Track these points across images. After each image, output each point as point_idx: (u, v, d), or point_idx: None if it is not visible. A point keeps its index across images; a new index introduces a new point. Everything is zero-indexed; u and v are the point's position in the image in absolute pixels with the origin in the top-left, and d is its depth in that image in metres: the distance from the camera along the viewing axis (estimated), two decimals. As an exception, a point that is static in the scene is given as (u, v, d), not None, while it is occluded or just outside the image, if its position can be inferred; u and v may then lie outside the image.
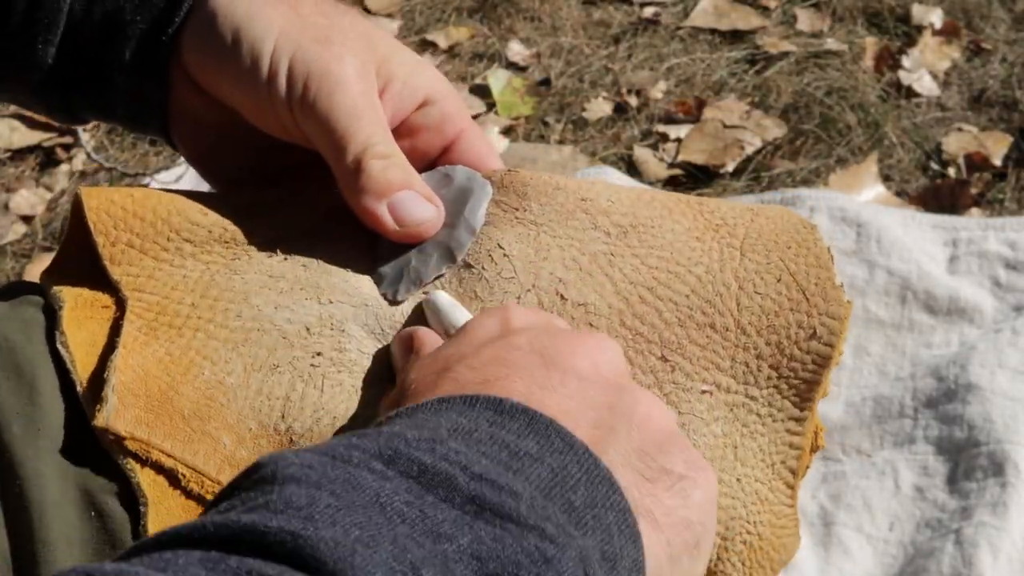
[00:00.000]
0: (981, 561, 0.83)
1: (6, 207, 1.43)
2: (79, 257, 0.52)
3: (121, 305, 0.50)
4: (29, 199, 1.45)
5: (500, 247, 0.52)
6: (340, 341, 0.49)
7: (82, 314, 0.50)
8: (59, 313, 0.49)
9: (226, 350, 0.48)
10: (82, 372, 0.48)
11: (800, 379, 0.50)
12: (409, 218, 0.51)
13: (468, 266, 0.51)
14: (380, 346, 0.50)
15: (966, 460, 0.91)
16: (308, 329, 0.49)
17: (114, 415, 0.46)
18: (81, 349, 0.48)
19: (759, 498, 0.49)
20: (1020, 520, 0.86)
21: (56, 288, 0.51)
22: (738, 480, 0.49)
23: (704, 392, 0.50)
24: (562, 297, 0.51)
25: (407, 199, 0.51)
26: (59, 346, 0.48)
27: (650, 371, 0.50)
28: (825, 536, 0.91)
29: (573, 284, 0.51)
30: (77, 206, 0.52)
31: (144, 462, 0.46)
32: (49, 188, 1.47)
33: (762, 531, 0.49)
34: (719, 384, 0.50)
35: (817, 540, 0.92)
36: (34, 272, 1.35)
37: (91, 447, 0.46)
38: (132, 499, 0.45)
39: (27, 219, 1.43)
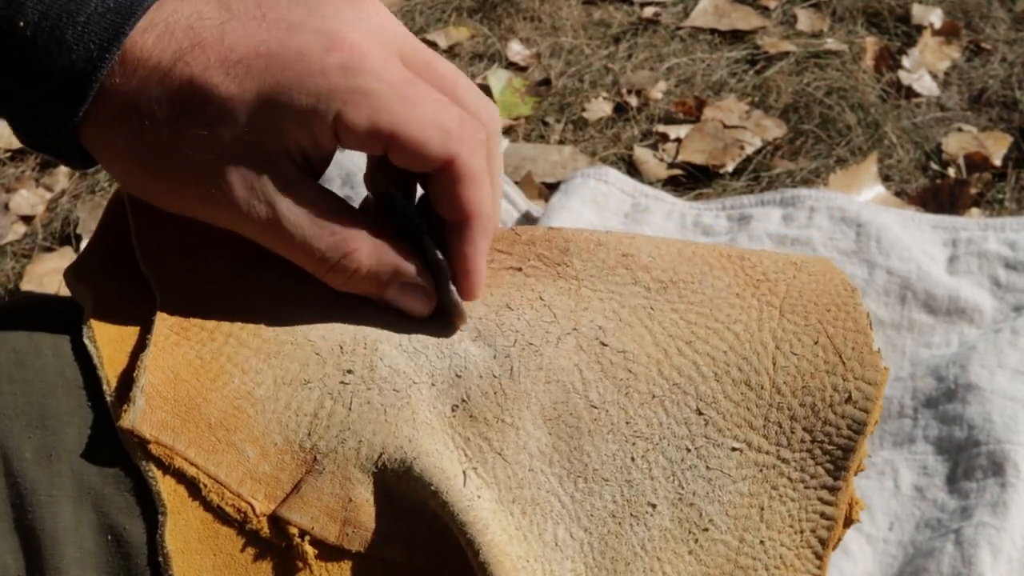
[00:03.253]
0: (981, 561, 0.83)
1: (6, 207, 1.43)
2: (103, 255, 0.52)
3: (151, 301, 0.49)
4: (29, 199, 1.45)
5: (541, 298, 0.52)
6: (372, 360, 0.49)
7: (109, 309, 0.49)
8: (87, 310, 0.49)
9: (257, 360, 0.48)
10: (108, 369, 0.47)
11: (835, 444, 0.50)
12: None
13: (508, 308, 0.51)
14: (412, 364, 0.49)
15: (966, 460, 0.91)
16: (342, 347, 0.49)
17: (140, 417, 0.45)
18: (109, 345, 0.48)
19: (784, 563, 0.49)
20: (1020, 520, 0.86)
21: (80, 285, 0.50)
22: (761, 543, 0.49)
23: (735, 449, 0.49)
24: (602, 343, 0.50)
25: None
26: (86, 340, 0.47)
27: (684, 423, 0.49)
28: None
29: (612, 333, 0.51)
30: (116, 204, 0.52)
31: (166, 469, 0.45)
32: (49, 188, 1.47)
33: None
34: (750, 443, 0.50)
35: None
36: (35, 272, 1.35)
37: (108, 464, 0.45)
38: (149, 518, 0.45)
39: (27, 219, 1.43)
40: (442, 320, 0.51)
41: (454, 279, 0.50)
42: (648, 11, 1.72)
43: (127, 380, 0.47)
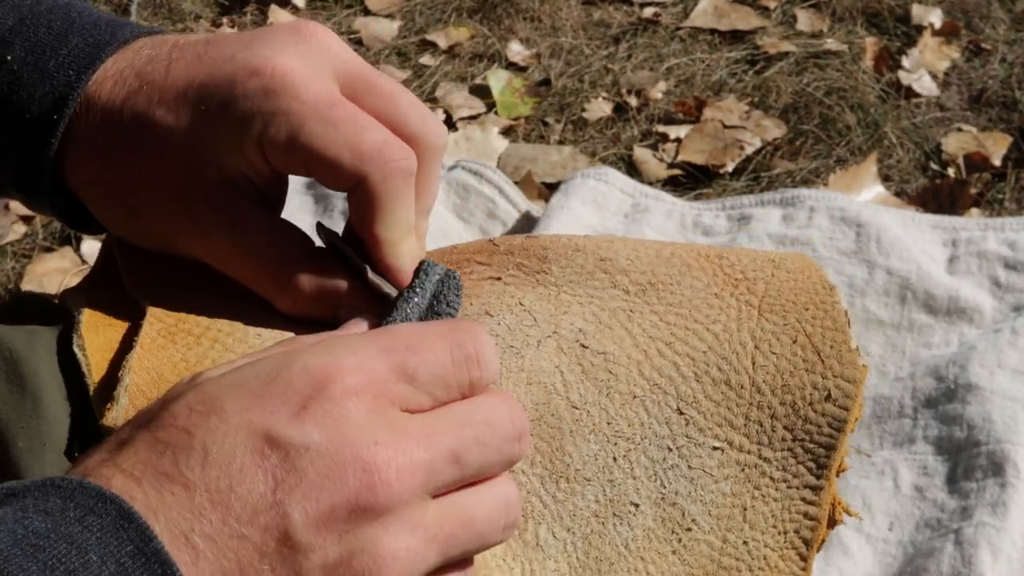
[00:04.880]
0: (981, 561, 0.83)
1: (6, 207, 1.43)
2: (100, 275, 0.54)
3: (141, 315, 0.50)
4: (29, 199, 1.45)
5: (521, 304, 0.52)
6: None
7: (101, 321, 0.50)
8: (77, 318, 0.50)
9: None
10: (96, 376, 0.48)
11: (816, 443, 0.50)
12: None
13: (488, 314, 0.52)
14: None
15: (966, 460, 0.91)
16: None
17: (123, 415, 0.46)
18: (97, 354, 0.49)
19: (768, 564, 0.49)
20: (1020, 520, 0.86)
21: (75, 298, 0.51)
22: (744, 543, 0.49)
23: (716, 448, 0.50)
24: (582, 345, 0.51)
25: None
26: (75, 348, 0.48)
27: (665, 422, 0.50)
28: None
29: (593, 335, 0.51)
30: (108, 247, 0.54)
31: None
32: (49, 188, 1.47)
33: None
34: (731, 442, 0.50)
35: (817, 540, 0.92)
36: (35, 272, 1.35)
37: None
38: None
39: (27, 219, 1.43)
40: None
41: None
42: (648, 11, 1.72)
43: (112, 381, 0.47)
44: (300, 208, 1.17)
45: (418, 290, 0.48)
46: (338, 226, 0.57)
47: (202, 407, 0.37)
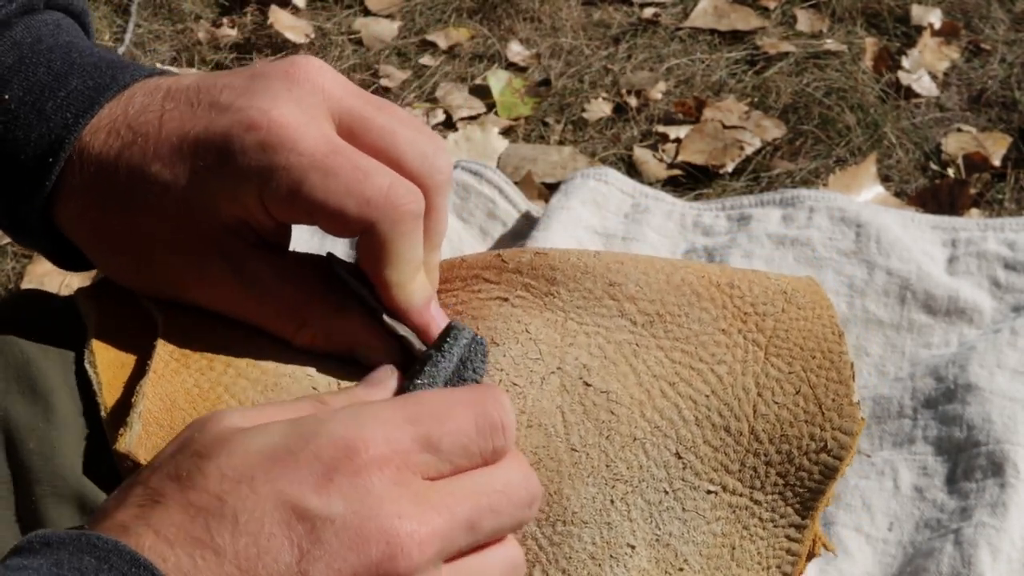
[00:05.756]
0: (981, 561, 0.83)
1: (6, 208, 1.43)
2: (115, 291, 0.53)
3: (152, 329, 0.50)
4: (29, 200, 1.45)
5: (527, 332, 0.52)
6: None
7: (112, 333, 0.50)
8: (88, 334, 0.49)
9: (255, 391, 0.48)
10: (107, 395, 0.48)
11: (806, 488, 0.51)
12: None
13: (495, 343, 0.52)
14: None
15: (965, 460, 0.91)
16: (339, 384, 0.49)
17: (136, 442, 0.46)
18: (108, 371, 0.48)
19: None
20: (1020, 520, 0.86)
21: (87, 303, 0.51)
22: None
23: (710, 492, 0.50)
24: (586, 383, 0.51)
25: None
26: (86, 365, 0.48)
27: (663, 466, 0.50)
28: (824, 533, 0.91)
29: (597, 372, 0.51)
30: None
31: None
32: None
33: None
34: (725, 486, 0.50)
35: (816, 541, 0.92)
36: (35, 272, 1.35)
37: (104, 467, 0.46)
38: None
39: (27, 220, 1.43)
40: None
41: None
42: (648, 12, 1.72)
43: (125, 404, 0.47)
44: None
45: (446, 354, 0.48)
46: (344, 249, 0.56)
47: (233, 473, 0.39)
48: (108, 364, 0.49)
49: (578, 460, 0.49)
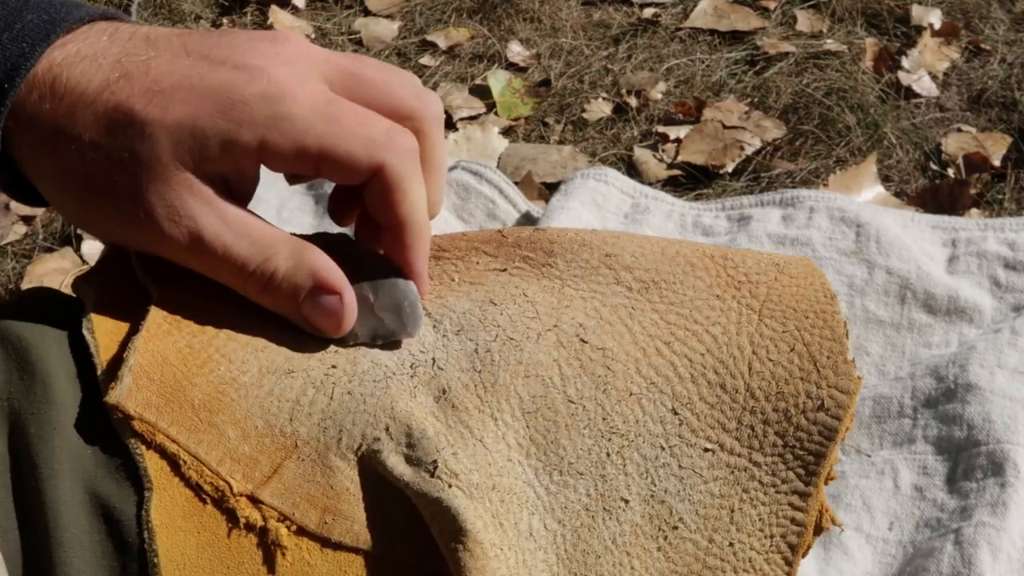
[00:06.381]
0: (981, 561, 0.83)
1: (7, 207, 1.43)
2: (110, 266, 0.53)
3: (150, 302, 0.50)
4: (29, 200, 1.45)
5: (524, 295, 0.53)
6: (354, 356, 0.50)
7: (110, 304, 0.50)
8: (86, 304, 0.50)
9: (245, 352, 0.49)
10: (104, 355, 0.48)
11: (806, 450, 0.51)
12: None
13: (492, 303, 0.52)
14: (394, 358, 0.50)
15: (965, 460, 0.91)
16: (327, 347, 0.50)
17: (127, 394, 0.46)
18: (107, 336, 0.49)
19: (753, 566, 0.49)
20: (1020, 520, 0.86)
21: (85, 287, 0.51)
22: (730, 544, 0.49)
23: (707, 450, 0.50)
24: (582, 340, 0.51)
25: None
26: (84, 331, 0.49)
27: (659, 421, 0.50)
28: (824, 536, 0.91)
29: (593, 330, 0.51)
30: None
31: (149, 444, 0.46)
32: (49, 189, 1.47)
33: None
34: (723, 444, 0.50)
35: (816, 540, 0.92)
36: (35, 272, 1.35)
37: (102, 444, 0.46)
38: (139, 496, 0.45)
39: (27, 219, 1.43)
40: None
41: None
42: (648, 12, 1.72)
43: (118, 363, 0.48)
44: (300, 208, 1.17)
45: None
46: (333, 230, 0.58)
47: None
48: (106, 331, 0.49)
49: (575, 412, 0.49)
